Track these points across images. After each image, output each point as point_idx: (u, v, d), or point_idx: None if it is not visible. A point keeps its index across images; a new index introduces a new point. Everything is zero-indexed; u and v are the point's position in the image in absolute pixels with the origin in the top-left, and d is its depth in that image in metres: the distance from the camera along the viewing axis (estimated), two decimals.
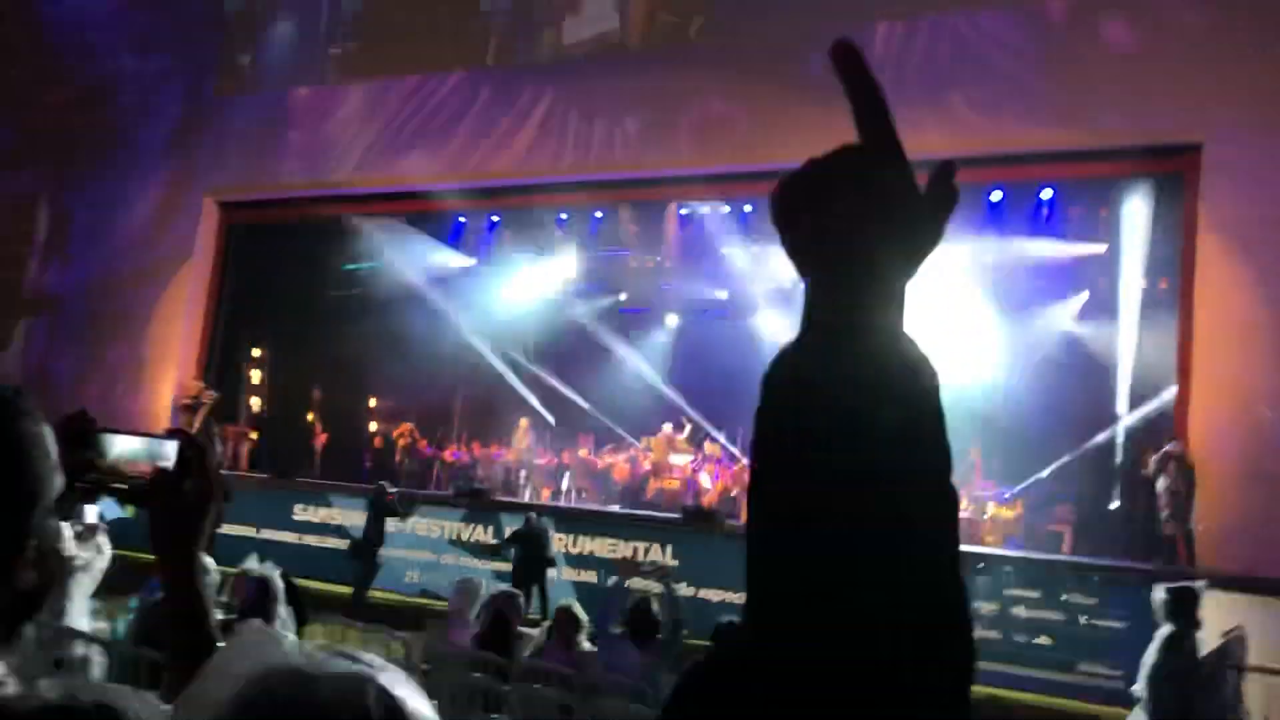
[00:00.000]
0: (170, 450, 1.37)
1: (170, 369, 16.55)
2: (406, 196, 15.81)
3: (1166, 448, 11.12)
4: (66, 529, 5.94)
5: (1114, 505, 13.45)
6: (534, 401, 18.01)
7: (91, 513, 6.47)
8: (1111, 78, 11.35)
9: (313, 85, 16.44)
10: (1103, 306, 13.96)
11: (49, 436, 1.08)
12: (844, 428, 0.59)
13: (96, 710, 0.94)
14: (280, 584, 5.30)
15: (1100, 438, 13.57)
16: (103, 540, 6.92)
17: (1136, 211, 13.00)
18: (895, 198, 0.65)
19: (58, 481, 1.08)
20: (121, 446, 1.39)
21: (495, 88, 14.91)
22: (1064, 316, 14.62)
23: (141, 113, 17.42)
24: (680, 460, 16.12)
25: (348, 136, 15.69)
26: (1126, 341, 13.48)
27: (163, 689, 1.28)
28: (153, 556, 1.33)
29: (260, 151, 16.35)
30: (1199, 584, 6.78)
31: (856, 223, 0.65)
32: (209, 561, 4.33)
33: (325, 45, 16.56)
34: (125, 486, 1.37)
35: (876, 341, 0.62)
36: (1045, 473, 13.99)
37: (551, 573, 11.80)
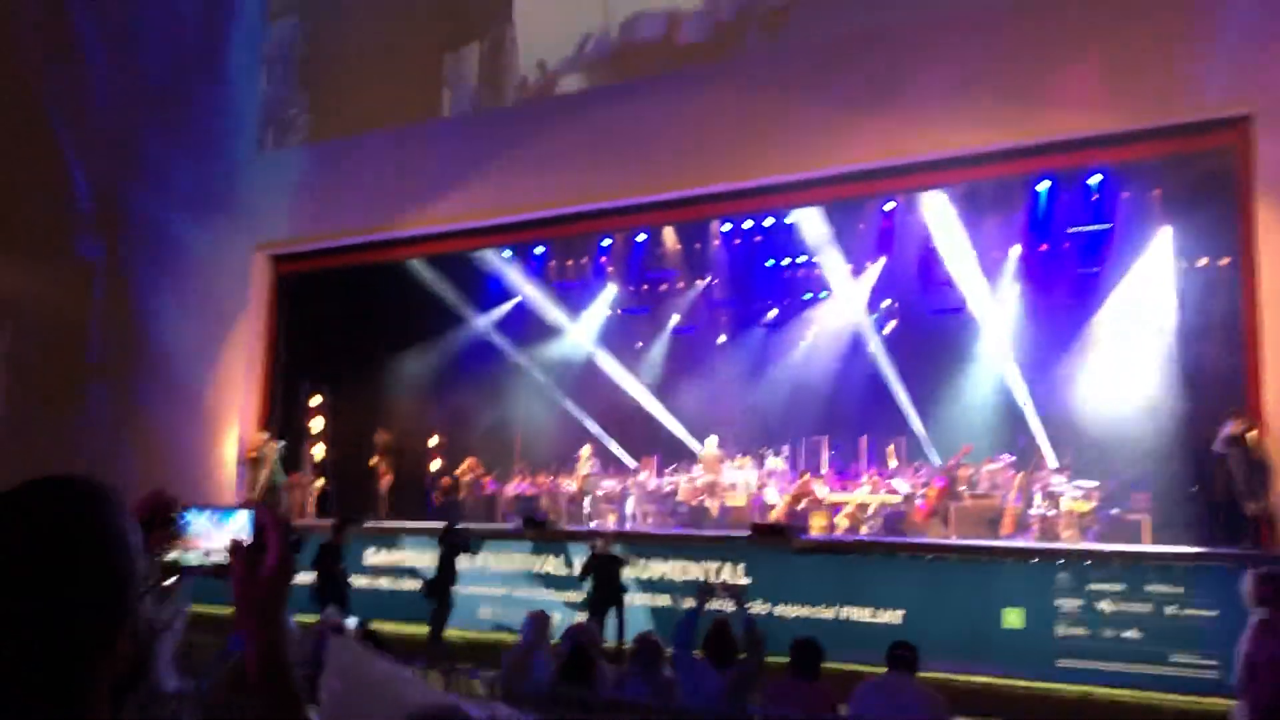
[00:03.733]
0: (245, 521, 1.39)
1: (233, 423, 16.80)
2: (452, 236, 15.94)
3: (1227, 429, 10.78)
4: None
5: (1192, 489, 13.13)
6: (594, 429, 18.08)
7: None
8: (1155, 56, 11.16)
9: (345, 135, 16.66)
10: (1162, 289, 13.71)
11: (134, 526, 1.13)
12: None
13: None
14: (355, 631, 5.33)
15: (1169, 421, 13.31)
16: (181, 600, 7.07)
17: (1188, 190, 12.77)
18: None
19: (143, 565, 1.14)
20: (198, 521, 1.42)
21: (524, 122, 15.03)
22: (1118, 301, 14.40)
23: (187, 175, 17.80)
24: (737, 477, 16.03)
25: (389, 182, 15.87)
26: (1185, 323, 13.30)
27: None
28: (230, 611, 1.36)
29: (307, 202, 16.60)
30: None
31: None
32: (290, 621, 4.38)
33: (348, 97, 16.78)
34: (206, 565, 1.40)
35: None
36: (1118, 461, 13.74)
37: (625, 599, 11.77)
